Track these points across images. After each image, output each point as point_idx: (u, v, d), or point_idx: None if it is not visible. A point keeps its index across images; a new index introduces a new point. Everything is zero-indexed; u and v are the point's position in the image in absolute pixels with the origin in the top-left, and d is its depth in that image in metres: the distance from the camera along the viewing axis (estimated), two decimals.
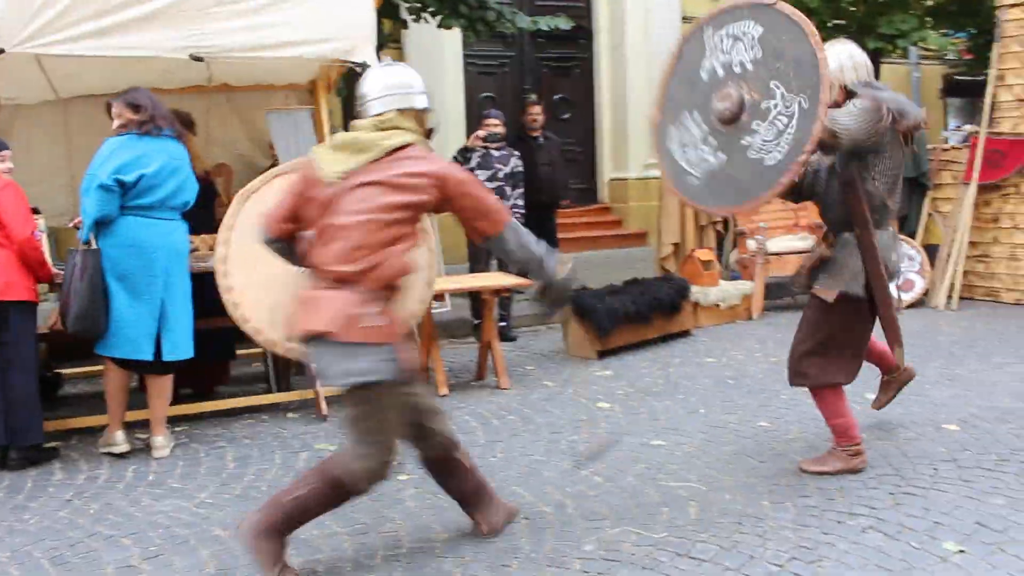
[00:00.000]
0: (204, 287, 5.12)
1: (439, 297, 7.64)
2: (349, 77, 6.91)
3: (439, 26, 8.48)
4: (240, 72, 5.84)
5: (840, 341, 4.00)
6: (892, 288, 4.01)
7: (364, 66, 5.43)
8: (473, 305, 7.46)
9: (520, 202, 7.46)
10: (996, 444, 4.45)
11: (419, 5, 8.10)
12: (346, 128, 8.44)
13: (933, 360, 6.23)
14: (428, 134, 3.35)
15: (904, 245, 8.26)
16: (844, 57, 3.86)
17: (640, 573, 3.22)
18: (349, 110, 8.53)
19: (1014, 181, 8.26)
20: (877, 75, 10.57)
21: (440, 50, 11.28)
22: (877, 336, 4.19)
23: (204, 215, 5.47)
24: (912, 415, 4.96)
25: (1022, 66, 8.04)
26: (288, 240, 3.33)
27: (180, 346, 4.71)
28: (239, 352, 6.11)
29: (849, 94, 3.83)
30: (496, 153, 7.35)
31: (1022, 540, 3.36)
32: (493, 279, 6.43)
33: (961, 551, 3.30)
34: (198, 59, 5.02)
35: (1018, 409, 4.99)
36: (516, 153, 7.57)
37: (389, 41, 9.31)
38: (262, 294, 4.33)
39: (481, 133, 7.37)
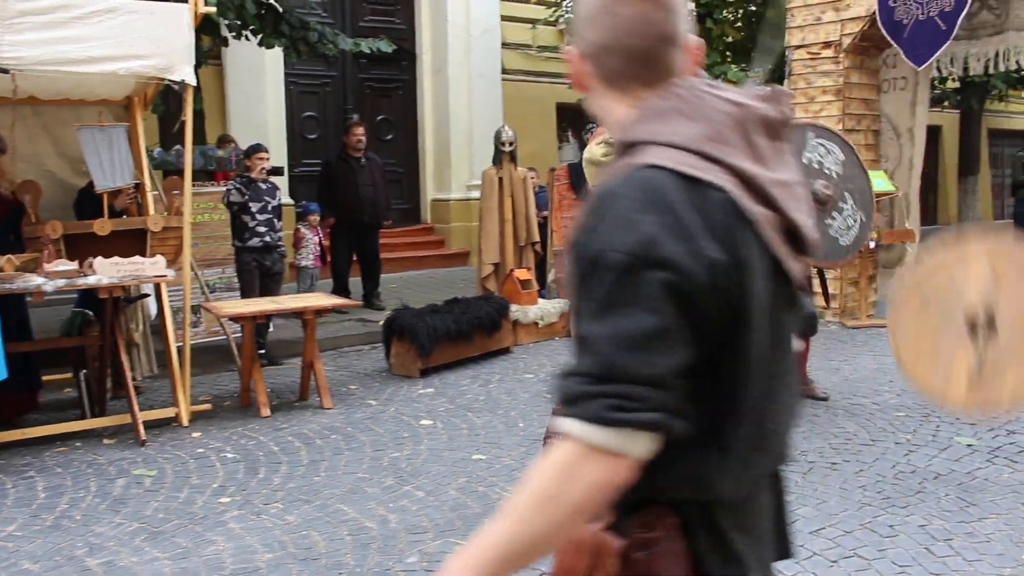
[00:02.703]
0: (9, 309, 4.90)
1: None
2: (166, 94, 6.76)
3: (260, 44, 8.39)
4: (48, 85, 5.60)
5: None
6: None
7: (182, 84, 5.35)
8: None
9: (283, 234, 7.62)
10: None
11: (240, 23, 8.00)
12: (164, 146, 8.19)
13: None
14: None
15: None
16: None
17: None
18: (165, 127, 8.31)
19: None
20: None
21: (261, 68, 11.13)
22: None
23: (11, 235, 5.23)
24: None
25: (808, 101, 8.76)
26: None
27: None
28: (48, 378, 5.86)
29: None
30: (263, 186, 7.35)
31: (805, 531, 3.72)
32: (315, 299, 6.44)
33: None
34: (3, 71, 4.81)
35: (804, 414, 5.48)
36: (279, 187, 7.66)
37: (208, 58, 9.13)
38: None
39: (267, 167, 7.32)
